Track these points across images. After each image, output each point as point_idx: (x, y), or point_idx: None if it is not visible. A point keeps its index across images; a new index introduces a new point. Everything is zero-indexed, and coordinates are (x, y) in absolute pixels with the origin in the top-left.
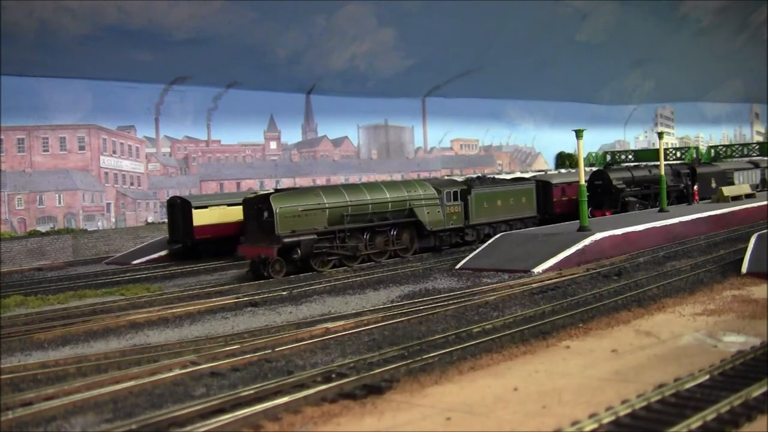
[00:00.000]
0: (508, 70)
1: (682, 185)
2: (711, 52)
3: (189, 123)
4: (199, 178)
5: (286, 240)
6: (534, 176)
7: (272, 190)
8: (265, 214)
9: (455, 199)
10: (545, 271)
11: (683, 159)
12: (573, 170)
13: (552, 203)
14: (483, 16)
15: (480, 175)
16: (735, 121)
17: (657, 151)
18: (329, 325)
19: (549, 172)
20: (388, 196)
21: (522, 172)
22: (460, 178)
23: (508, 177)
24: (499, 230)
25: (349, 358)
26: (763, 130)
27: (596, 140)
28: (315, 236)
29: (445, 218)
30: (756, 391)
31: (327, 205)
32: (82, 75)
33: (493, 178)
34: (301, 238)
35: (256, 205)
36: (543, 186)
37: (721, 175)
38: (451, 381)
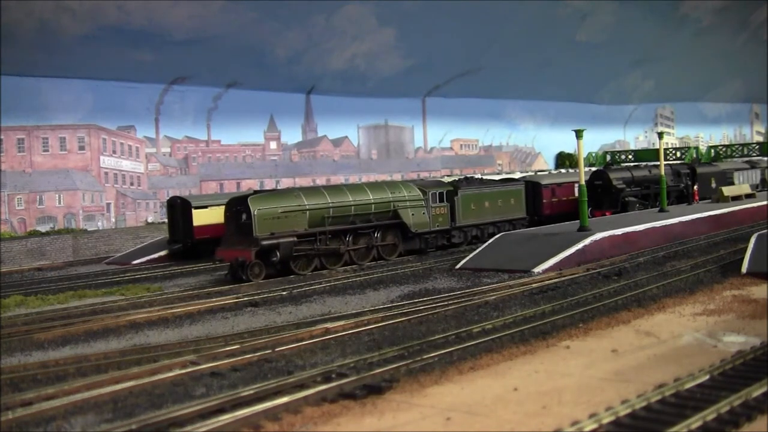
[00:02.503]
0: (508, 70)
1: (682, 185)
2: (711, 52)
3: (189, 123)
4: (199, 178)
5: (265, 242)
6: (523, 177)
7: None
8: (244, 216)
9: (441, 200)
10: (545, 271)
11: (683, 159)
12: (564, 171)
13: (541, 204)
14: (483, 16)
15: (469, 175)
16: (735, 121)
17: (657, 151)
18: (329, 325)
19: (539, 173)
20: (371, 197)
21: (522, 172)
22: (456, 179)
23: (497, 178)
24: (486, 232)
25: (349, 358)
26: (763, 130)
27: (596, 140)
28: (295, 238)
29: (430, 220)
30: (756, 391)
31: (307, 207)
32: (82, 75)
33: (481, 178)
34: (281, 240)
35: (235, 207)
36: (532, 187)
37: (721, 175)
38: (451, 381)
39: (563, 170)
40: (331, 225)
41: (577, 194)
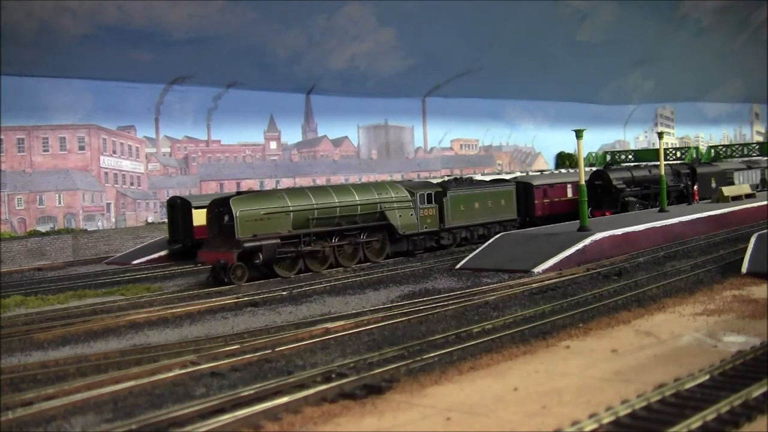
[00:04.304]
0: (508, 70)
1: (682, 185)
2: (711, 52)
3: (189, 123)
4: (199, 178)
5: (247, 245)
6: (514, 177)
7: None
8: (226, 217)
9: (429, 201)
10: (545, 271)
11: (683, 159)
12: (558, 171)
13: (533, 206)
14: (483, 16)
15: (457, 176)
16: (735, 121)
17: (657, 151)
18: (329, 325)
19: (531, 173)
20: (357, 198)
21: (522, 172)
22: (444, 179)
23: (488, 178)
24: (476, 234)
25: (349, 358)
26: (763, 130)
27: (596, 140)
28: (278, 240)
29: (418, 221)
30: (756, 391)
31: (291, 209)
32: (82, 75)
33: (471, 179)
34: (263, 242)
35: (217, 209)
36: (524, 188)
37: (721, 175)
38: (451, 381)
39: (563, 170)
40: (315, 227)
41: (570, 195)
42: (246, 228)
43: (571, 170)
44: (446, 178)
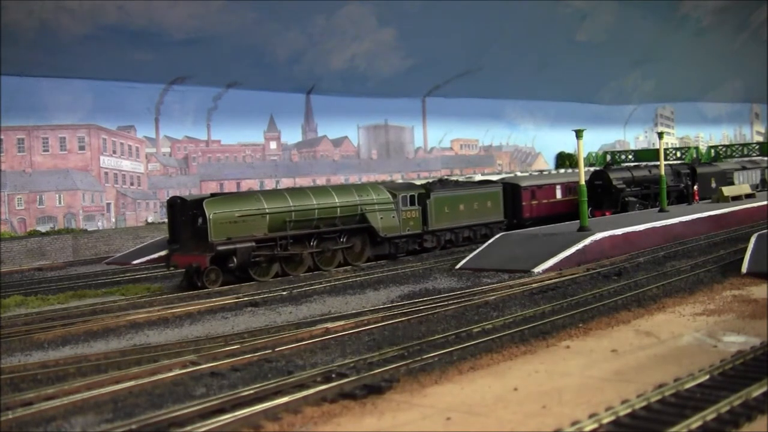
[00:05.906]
0: (508, 70)
1: (682, 185)
2: (711, 52)
3: (189, 123)
4: (199, 178)
5: (221, 248)
6: (502, 178)
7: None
8: (199, 220)
9: (412, 203)
10: (545, 271)
11: (683, 159)
12: (554, 171)
13: (521, 207)
14: (483, 16)
15: (442, 177)
16: (735, 121)
17: (657, 151)
18: (329, 325)
19: (518, 174)
20: (336, 200)
21: (522, 172)
22: (461, 178)
23: (475, 179)
24: (461, 236)
25: (349, 358)
26: (763, 130)
27: (596, 140)
28: (253, 243)
29: (400, 224)
30: (756, 391)
31: (267, 211)
32: (82, 75)
33: (456, 181)
34: (238, 245)
35: (191, 211)
36: (511, 189)
37: (721, 175)
38: (451, 381)
39: (562, 170)
40: (293, 229)
41: (559, 196)
42: (220, 231)
43: (562, 170)
44: (446, 179)
